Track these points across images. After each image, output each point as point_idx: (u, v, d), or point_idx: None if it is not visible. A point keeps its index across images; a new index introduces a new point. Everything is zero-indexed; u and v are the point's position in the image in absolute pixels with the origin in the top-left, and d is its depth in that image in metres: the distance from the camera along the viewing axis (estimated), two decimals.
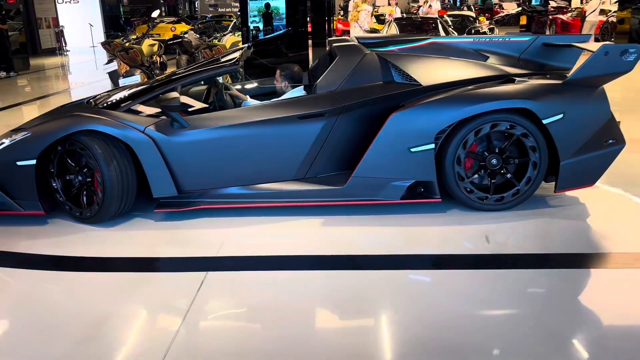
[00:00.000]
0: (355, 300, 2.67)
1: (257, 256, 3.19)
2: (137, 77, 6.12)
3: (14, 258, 3.29)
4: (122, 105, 3.85)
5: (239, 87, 4.83)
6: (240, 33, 13.13)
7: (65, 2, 23.19)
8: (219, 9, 37.64)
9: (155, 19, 17.03)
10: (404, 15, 15.89)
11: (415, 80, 3.74)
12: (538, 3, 20.44)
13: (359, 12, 11.94)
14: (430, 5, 14.35)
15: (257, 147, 3.62)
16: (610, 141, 3.54)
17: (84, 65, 16.10)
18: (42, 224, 3.73)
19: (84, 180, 3.64)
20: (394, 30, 10.68)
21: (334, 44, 4.16)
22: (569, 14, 18.94)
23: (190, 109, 4.02)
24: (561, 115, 3.44)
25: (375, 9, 20.84)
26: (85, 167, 3.60)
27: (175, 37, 11.01)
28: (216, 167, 3.63)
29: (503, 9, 28.61)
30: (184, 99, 3.89)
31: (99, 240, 3.48)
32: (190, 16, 27.78)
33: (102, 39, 20.21)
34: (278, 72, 4.44)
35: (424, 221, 3.57)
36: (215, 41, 10.68)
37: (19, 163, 3.53)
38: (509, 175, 3.58)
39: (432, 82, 3.72)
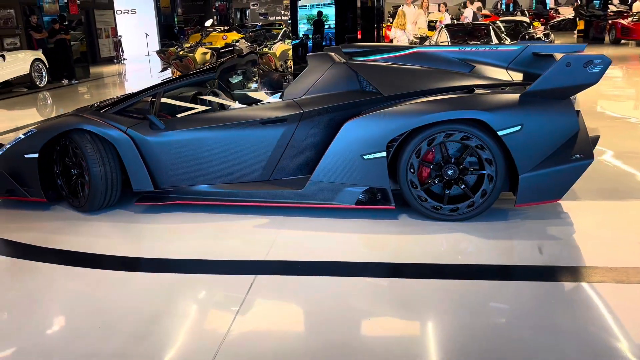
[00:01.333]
0: (399, 309, 2.63)
1: (305, 261, 3.20)
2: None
3: (73, 257, 3.43)
4: (114, 107, 4.21)
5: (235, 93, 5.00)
6: (290, 41, 13.32)
7: (124, 13, 24.20)
8: (269, 17, 38.28)
9: (208, 28, 17.49)
10: (454, 21, 15.67)
11: (377, 90, 3.79)
12: (597, 7, 19.68)
13: (403, 23, 11.83)
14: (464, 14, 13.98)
15: (224, 149, 3.84)
16: (577, 156, 3.35)
17: (140, 73, 16.73)
18: (95, 224, 3.90)
19: (79, 173, 4.04)
20: (444, 36, 10.53)
21: (308, 54, 4.31)
22: (630, 19, 18.13)
23: (180, 113, 4.27)
24: (518, 127, 3.33)
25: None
26: (79, 162, 4.00)
27: (227, 45, 11.25)
28: (188, 166, 3.91)
29: (559, 13, 27.70)
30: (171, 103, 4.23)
31: (152, 240, 3.61)
32: (241, 25, 28.38)
33: (157, 47, 20.93)
34: (260, 80, 4.70)
35: (384, 229, 3.57)
36: (266, 49, 10.84)
37: (26, 155, 4.04)
38: (462, 187, 3.53)
39: (393, 92, 3.77)
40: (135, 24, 23.88)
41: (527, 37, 12.49)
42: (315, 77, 3.93)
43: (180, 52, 9.53)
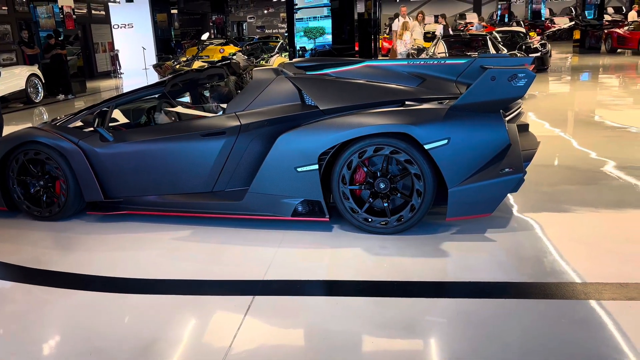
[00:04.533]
0: (400, 329, 2.53)
1: (304, 280, 3.10)
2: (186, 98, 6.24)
3: (61, 278, 3.32)
4: (69, 121, 4.38)
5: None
6: (287, 54, 13.30)
7: (121, 27, 24.25)
8: (266, 30, 38.45)
9: (204, 41, 17.49)
10: (451, 32, 15.67)
11: (314, 104, 3.82)
12: (591, 17, 19.76)
13: (401, 34, 11.88)
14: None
15: (168, 160, 3.93)
16: (507, 170, 3.31)
17: (136, 87, 16.68)
18: (74, 237, 3.79)
19: (45, 185, 4.20)
20: (441, 47, 10.51)
21: (254, 68, 4.40)
22: (626, 28, 18.20)
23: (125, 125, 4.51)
24: (445, 141, 3.32)
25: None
26: (48, 173, 4.20)
27: (224, 58, 11.21)
28: (135, 177, 4.02)
29: (554, 23, 27.83)
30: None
31: (142, 258, 3.49)
32: (238, 38, 28.46)
33: (155, 61, 20.93)
34: (210, 94, 4.85)
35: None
36: (263, 62, 10.80)
37: None
38: (385, 204, 3.56)
39: (331, 106, 3.79)
40: (132, 38, 23.92)
41: (524, 47, 12.49)
42: (257, 91, 3.98)
43: (177, 66, 9.49)
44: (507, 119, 3.76)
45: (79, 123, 4.43)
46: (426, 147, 3.36)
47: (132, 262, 3.49)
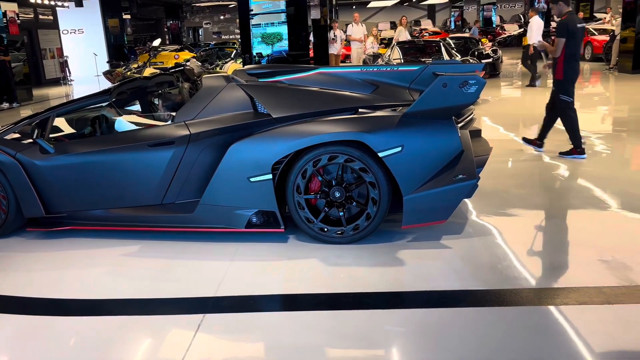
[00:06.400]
0: (359, 342, 2.46)
1: (258, 295, 2.99)
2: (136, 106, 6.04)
3: (3, 302, 3.10)
4: (4, 132, 4.14)
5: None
6: (242, 60, 13.15)
7: (70, 33, 23.47)
8: (222, 37, 38.07)
9: (157, 47, 17.12)
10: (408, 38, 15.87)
11: (267, 112, 3.73)
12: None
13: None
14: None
15: (114, 172, 3.75)
16: (460, 176, 3.35)
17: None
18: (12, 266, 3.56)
19: None
20: (396, 53, 10.61)
21: (204, 76, 4.28)
22: None
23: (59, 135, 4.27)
24: (399, 148, 3.32)
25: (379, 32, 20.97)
26: None
27: (177, 65, 10.97)
28: (79, 190, 3.82)
29: (505, 30, 28.68)
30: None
31: (80, 277, 3.30)
32: (194, 44, 28.05)
33: (107, 67, 20.35)
34: (160, 102, 4.69)
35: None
36: (218, 69, 10.62)
37: None
38: (341, 213, 3.50)
39: (283, 114, 3.69)
40: (83, 44, 23.17)
41: (476, 53, 12.76)
42: (208, 99, 3.84)
43: (128, 73, 9.20)
44: (459, 125, 3.76)
45: (17, 134, 4.19)
46: (380, 154, 3.33)
47: (76, 282, 3.29)
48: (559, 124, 5.82)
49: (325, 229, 3.54)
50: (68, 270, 3.47)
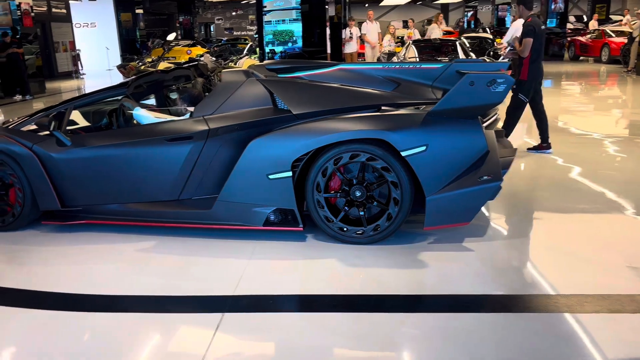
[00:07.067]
0: (377, 346, 2.39)
1: (276, 295, 2.93)
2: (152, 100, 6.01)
3: (12, 295, 3.06)
4: (22, 123, 4.12)
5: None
6: (256, 56, 13.10)
7: (83, 26, 23.52)
8: (234, 32, 38.05)
9: (171, 42, 17.12)
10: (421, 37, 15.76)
11: (287, 108, 3.66)
12: (554, 25, 20.22)
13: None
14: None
15: (131, 167, 3.70)
16: (485, 177, 3.26)
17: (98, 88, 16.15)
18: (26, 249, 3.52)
19: None
20: (412, 52, 10.50)
21: (223, 70, 4.22)
22: (588, 36, 18.68)
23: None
24: (423, 148, 3.24)
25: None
26: (0, 180, 3.92)
27: (190, 60, 10.94)
28: (95, 184, 3.77)
29: None
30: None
31: (100, 272, 3.26)
32: (206, 39, 28.03)
33: (119, 62, 20.37)
34: (177, 96, 4.64)
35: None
36: (232, 64, 10.57)
37: None
38: (361, 213, 3.44)
39: (304, 110, 3.62)
40: (95, 37, 23.22)
41: (492, 53, 12.62)
42: (227, 94, 3.78)
43: (142, 67, 9.17)
44: (484, 125, 3.67)
45: (33, 126, 4.15)
46: (403, 154, 3.25)
47: (92, 277, 3.25)
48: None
49: (345, 229, 3.48)
50: (83, 264, 3.43)
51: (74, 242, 3.75)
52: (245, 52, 14.15)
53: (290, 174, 3.40)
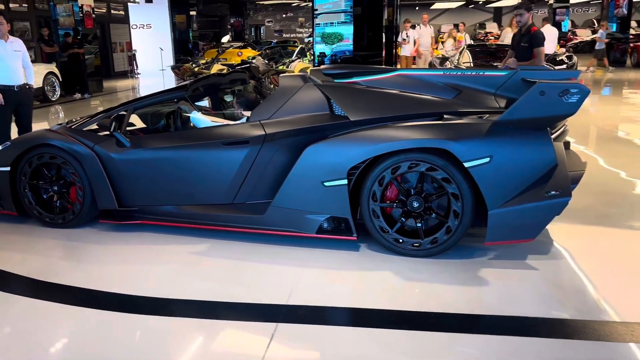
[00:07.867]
0: None
1: (330, 307, 2.85)
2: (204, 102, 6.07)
3: (68, 293, 3.11)
4: (85, 124, 4.21)
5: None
6: (307, 59, 13.10)
7: (139, 28, 24.25)
8: (284, 35, 38.39)
9: (224, 44, 17.39)
10: (472, 42, 15.39)
11: (344, 114, 3.57)
12: (615, 29, 19.35)
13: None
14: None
15: (187, 169, 3.72)
16: (552, 192, 3.03)
17: (153, 88, 16.57)
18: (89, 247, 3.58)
19: (59, 191, 4.03)
20: (466, 57, 10.24)
21: (280, 75, 4.17)
22: None
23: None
24: (487, 159, 3.05)
25: (440, 36, 20.46)
26: (62, 178, 4.02)
27: (243, 62, 11.05)
28: (151, 185, 3.82)
29: (576, 35, 27.37)
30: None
31: (154, 276, 3.26)
32: (256, 41, 28.37)
33: (171, 62, 20.87)
34: (233, 99, 4.64)
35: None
36: (284, 67, 10.60)
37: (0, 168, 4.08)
38: (418, 225, 3.32)
39: (362, 117, 3.54)
40: (150, 38, 23.89)
41: (550, 59, 12.16)
42: (284, 99, 3.74)
43: (196, 69, 9.32)
44: (553, 136, 3.48)
45: (94, 126, 4.24)
46: (466, 165, 3.11)
47: (145, 278, 3.27)
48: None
49: (401, 240, 3.36)
50: (137, 265, 3.46)
51: (129, 241, 3.79)
52: (295, 54, 14.20)
53: (345, 181, 3.32)
